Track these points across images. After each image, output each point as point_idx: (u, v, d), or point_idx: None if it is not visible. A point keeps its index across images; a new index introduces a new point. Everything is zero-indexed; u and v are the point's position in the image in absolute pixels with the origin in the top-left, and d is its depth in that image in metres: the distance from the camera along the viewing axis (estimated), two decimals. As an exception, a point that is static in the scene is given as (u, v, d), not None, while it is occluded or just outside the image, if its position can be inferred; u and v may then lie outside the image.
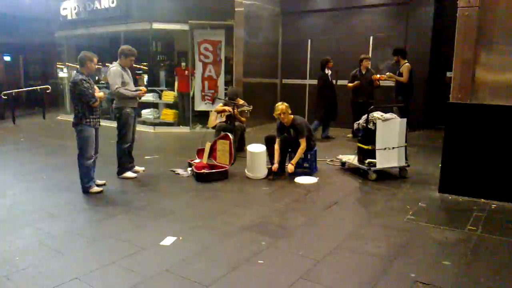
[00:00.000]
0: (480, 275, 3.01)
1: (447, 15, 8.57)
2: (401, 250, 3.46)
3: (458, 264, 3.19)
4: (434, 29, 9.24)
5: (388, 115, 5.57)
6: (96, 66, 5.12)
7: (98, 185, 5.11)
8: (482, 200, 4.66)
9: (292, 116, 5.74)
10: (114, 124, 5.66)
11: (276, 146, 5.73)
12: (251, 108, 7.02)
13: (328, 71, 8.60)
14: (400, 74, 7.93)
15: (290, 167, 5.61)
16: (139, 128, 9.61)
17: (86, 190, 4.95)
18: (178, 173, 5.85)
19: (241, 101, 7.27)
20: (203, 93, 9.99)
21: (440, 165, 4.96)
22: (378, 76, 8.22)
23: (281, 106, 5.68)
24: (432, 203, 4.68)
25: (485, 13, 4.63)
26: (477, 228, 3.89)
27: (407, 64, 7.90)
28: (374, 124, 5.47)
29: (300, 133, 5.63)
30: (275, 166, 5.58)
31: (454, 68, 4.88)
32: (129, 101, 5.55)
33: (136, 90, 5.59)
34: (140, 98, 5.76)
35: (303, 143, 5.63)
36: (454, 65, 4.86)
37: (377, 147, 5.45)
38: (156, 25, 9.91)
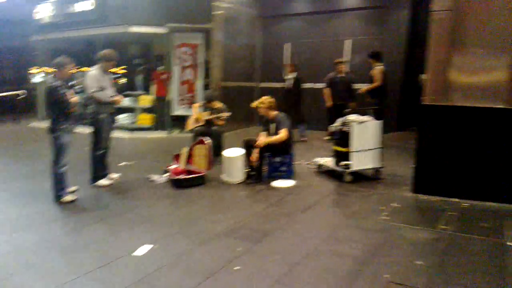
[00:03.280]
0: (453, 273, 3.08)
1: (422, 19, 8.75)
2: (375, 250, 3.50)
3: (431, 263, 3.25)
4: (409, 33, 9.42)
5: (363, 118, 5.64)
6: (72, 71, 5.04)
7: (70, 192, 5.01)
8: (454, 199, 4.77)
9: (275, 112, 5.82)
10: (88, 130, 5.56)
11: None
12: (228, 114, 6.98)
13: (292, 75, 8.83)
14: (372, 77, 8.05)
15: (261, 139, 5.57)
16: (114, 133, 9.49)
17: (59, 199, 4.84)
18: (154, 180, 5.78)
19: (218, 105, 7.24)
20: (180, 97, 9.92)
21: (413, 166, 5.05)
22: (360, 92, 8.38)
23: (261, 98, 5.85)
24: (406, 203, 4.76)
25: (457, 17, 4.73)
26: (450, 227, 3.98)
27: (379, 67, 8.02)
28: (350, 126, 5.53)
29: (280, 125, 5.65)
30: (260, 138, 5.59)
31: (427, 70, 4.97)
32: (104, 106, 5.46)
33: (114, 96, 5.52)
34: (116, 105, 5.68)
35: (282, 132, 5.61)
36: (428, 68, 4.96)
37: (352, 149, 5.51)
38: (134, 29, 9.79)
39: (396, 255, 3.43)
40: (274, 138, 5.62)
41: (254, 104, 5.77)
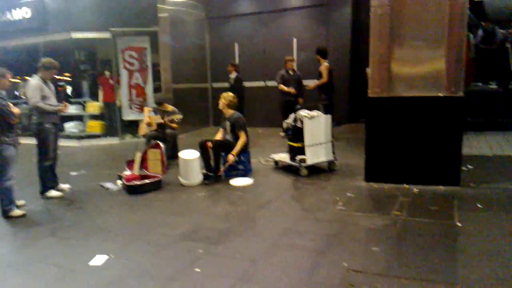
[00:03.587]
0: (408, 257, 3.21)
1: (364, 15, 9.08)
2: (333, 240, 3.60)
3: (386, 249, 3.38)
4: (352, 28, 9.74)
5: (314, 113, 5.78)
6: (13, 81, 4.79)
7: (18, 207, 4.76)
8: (405, 185, 4.98)
9: (232, 111, 5.89)
10: (34, 141, 5.31)
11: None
12: (181, 116, 6.90)
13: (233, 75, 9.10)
14: (320, 74, 8.26)
15: (230, 157, 5.63)
16: (63, 143, 9.05)
17: (6, 214, 4.60)
18: (108, 188, 5.61)
19: (170, 107, 7.13)
20: (130, 102, 9.68)
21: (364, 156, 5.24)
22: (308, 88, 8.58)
23: (224, 93, 5.98)
24: (360, 192, 4.93)
25: (395, 11, 4.92)
26: (402, 212, 4.15)
27: (325, 64, 8.24)
28: (302, 122, 5.64)
29: (235, 127, 5.74)
30: (230, 157, 5.62)
31: (371, 64, 5.16)
32: (49, 116, 5.23)
33: (58, 105, 5.30)
34: (61, 113, 5.45)
35: (241, 136, 5.69)
36: (371, 61, 5.14)
37: (306, 144, 5.63)
38: (76, 35, 9.44)
39: (353, 243, 3.54)
40: (239, 147, 5.68)
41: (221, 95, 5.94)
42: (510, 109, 8.34)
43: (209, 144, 5.70)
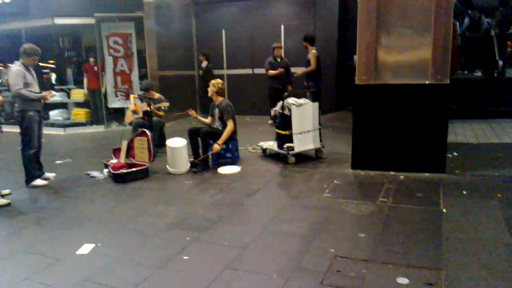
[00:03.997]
0: (394, 243, 3.24)
1: (351, 2, 9.06)
2: (320, 227, 3.62)
3: (373, 235, 3.42)
4: (340, 15, 9.71)
5: (301, 101, 5.77)
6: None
7: (2, 196, 4.68)
8: (392, 172, 5.03)
9: (222, 98, 5.89)
10: (18, 129, 5.21)
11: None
12: (168, 104, 6.82)
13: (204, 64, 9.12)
14: (308, 61, 8.24)
15: (215, 146, 5.60)
16: (48, 131, 8.98)
17: (-10, 204, 4.52)
18: (94, 176, 5.55)
19: (156, 95, 7.04)
20: (116, 89, 9.54)
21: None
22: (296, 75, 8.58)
23: (214, 80, 5.94)
24: (346, 179, 4.97)
25: (382, -1, 4.93)
26: (388, 199, 4.20)
27: (313, 51, 8.21)
28: (290, 110, 5.63)
29: (224, 115, 5.70)
30: (215, 146, 5.61)
31: (358, 51, 5.15)
32: (32, 103, 5.13)
33: (41, 92, 5.19)
34: (45, 101, 5.35)
35: (229, 124, 5.67)
36: (358, 49, 5.14)
37: (294, 132, 5.63)
38: (59, 20, 9.24)
39: (340, 230, 3.57)
40: (225, 135, 5.64)
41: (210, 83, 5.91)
42: (495, 97, 8.46)
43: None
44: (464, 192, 4.28)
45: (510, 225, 3.45)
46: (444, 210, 3.82)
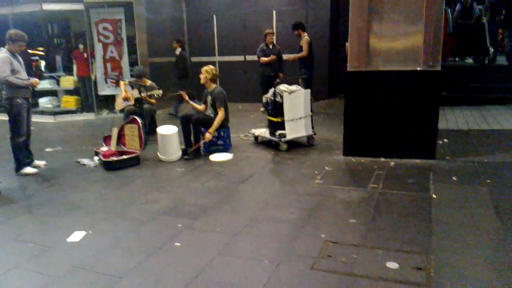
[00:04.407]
0: (383, 228, 3.28)
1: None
2: (311, 213, 3.65)
3: (363, 220, 3.45)
4: (332, 2, 9.64)
5: (293, 87, 5.75)
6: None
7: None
8: (382, 159, 5.07)
9: (215, 85, 5.81)
10: (7, 117, 5.14)
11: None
12: (161, 92, 6.75)
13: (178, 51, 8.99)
14: (301, 47, 8.19)
15: (207, 135, 5.58)
16: (38, 118, 8.89)
17: (-21, 192, 4.49)
18: (84, 164, 5.51)
19: (148, 82, 6.97)
20: (106, 76, 9.42)
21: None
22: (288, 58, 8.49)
23: (206, 67, 5.80)
24: (338, 166, 4.99)
25: (374, -15, 4.90)
26: (378, 185, 4.23)
27: (306, 37, 8.17)
28: (281, 97, 5.61)
29: (216, 102, 5.66)
30: (207, 135, 5.57)
31: (350, 38, 5.13)
32: (20, 90, 5.05)
33: (28, 79, 5.10)
34: (33, 88, 5.27)
35: (220, 112, 5.64)
36: (350, 35, 5.12)
37: (285, 119, 5.62)
38: (47, 6, 9.03)
39: (331, 216, 3.60)
40: (216, 124, 5.61)
41: (202, 69, 5.81)
42: (486, 84, 8.51)
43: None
44: (454, 178, 4.32)
45: (499, 210, 3.50)
46: (434, 196, 3.86)
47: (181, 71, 8.92)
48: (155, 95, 6.71)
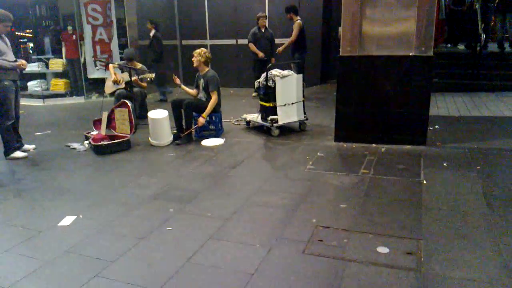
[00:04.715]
0: (375, 213, 3.31)
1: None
2: (303, 198, 3.66)
3: (354, 205, 3.47)
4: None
5: (285, 72, 5.71)
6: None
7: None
8: (374, 145, 5.08)
9: (208, 68, 5.75)
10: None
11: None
12: (153, 75, 6.64)
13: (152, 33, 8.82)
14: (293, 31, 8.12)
15: (200, 120, 5.55)
16: (26, 102, 8.75)
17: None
18: (74, 148, 5.45)
19: (138, 65, 6.86)
20: (95, 59, 9.27)
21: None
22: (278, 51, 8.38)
23: (198, 50, 5.72)
24: (329, 152, 5.00)
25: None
26: (369, 171, 4.25)
27: (298, 21, 8.07)
28: (274, 81, 5.57)
29: (209, 85, 5.61)
30: (200, 119, 5.55)
31: (342, 22, 5.09)
32: (7, 72, 4.94)
33: (15, 61, 4.99)
34: (21, 70, 5.17)
35: (213, 95, 5.60)
36: (343, 20, 5.07)
37: (278, 104, 5.59)
38: (35, -14, 8.82)
39: (322, 201, 3.62)
40: (209, 108, 5.57)
41: (194, 52, 5.72)
42: (477, 71, 8.54)
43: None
44: (445, 164, 4.36)
45: (488, 196, 3.54)
46: (425, 182, 3.90)
47: (156, 53, 8.75)
48: (147, 79, 6.61)
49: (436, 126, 5.75)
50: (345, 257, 2.67)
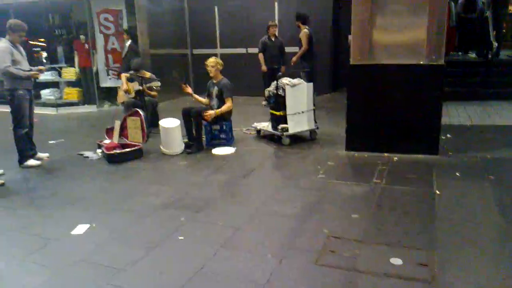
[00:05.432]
0: (387, 224, 3.28)
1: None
2: (314, 208, 3.65)
3: (365, 216, 3.45)
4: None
5: (295, 81, 5.73)
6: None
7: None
8: (385, 154, 5.04)
9: (221, 76, 5.79)
10: (9, 109, 5.14)
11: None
12: (159, 84, 6.71)
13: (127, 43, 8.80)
14: (300, 41, 8.14)
15: (211, 112, 5.55)
16: (40, 110, 8.85)
17: (-17, 184, 4.49)
18: (87, 156, 5.51)
19: (147, 74, 6.94)
20: (107, 68, 9.39)
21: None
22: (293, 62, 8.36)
23: (212, 59, 5.76)
24: (340, 161, 4.98)
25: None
26: (381, 180, 4.22)
27: (305, 30, 8.10)
28: (284, 90, 5.59)
29: (224, 92, 5.65)
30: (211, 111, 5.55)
31: (352, 30, 5.10)
32: (21, 81, 5.03)
33: (30, 70, 5.08)
34: (35, 79, 5.26)
35: (228, 101, 5.65)
36: (353, 28, 5.08)
37: (288, 113, 5.60)
38: (48, -4, 9.00)
39: (333, 211, 3.61)
40: (223, 109, 5.60)
41: (206, 63, 5.74)
42: (488, 79, 8.46)
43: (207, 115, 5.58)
44: (457, 174, 4.32)
45: (502, 206, 3.50)
46: (437, 192, 3.86)
47: (135, 65, 8.65)
48: (154, 87, 6.67)
49: (448, 135, 5.70)
50: (358, 269, 2.66)
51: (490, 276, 2.52)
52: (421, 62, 4.81)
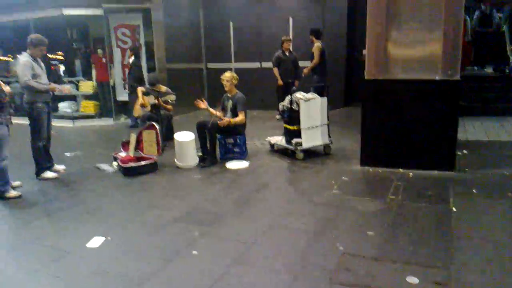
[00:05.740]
0: (403, 241, 3.23)
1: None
2: (328, 224, 3.62)
3: (381, 233, 3.41)
4: (349, 8, 9.61)
5: (309, 95, 5.74)
6: (3, 59, 4.68)
7: (14, 188, 4.73)
8: (400, 170, 4.98)
9: (236, 90, 5.87)
10: (27, 121, 5.25)
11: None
12: (175, 97, 6.79)
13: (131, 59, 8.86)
14: (312, 54, 8.18)
15: (225, 119, 5.63)
16: (57, 123, 9.02)
17: (2, 195, 4.55)
18: (103, 169, 5.58)
19: (163, 88, 7.03)
20: (124, 82, 9.54)
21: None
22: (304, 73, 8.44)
23: (228, 73, 5.84)
24: (355, 176, 4.95)
25: (392, -8, 4.86)
26: (397, 196, 4.17)
27: (317, 44, 8.15)
28: (298, 104, 5.60)
29: (238, 105, 5.72)
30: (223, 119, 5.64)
31: (367, 45, 5.10)
32: (40, 95, 5.14)
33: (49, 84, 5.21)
34: (54, 93, 5.37)
35: (241, 115, 5.71)
36: (368, 43, 5.09)
37: (302, 127, 5.61)
38: (67, 11, 9.21)
39: (348, 227, 3.57)
40: (236, 120, 5.66)
41: (222, 78, 5.84)
42: (506, 94, 8.36)
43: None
44: (474, 191, 4.25)
45: (521, 225, 3.43)
46: (454, 209, 3.80)
47: (136, 80, 8.66)
48: (169, 100, 6.75)
49: (465, 151, 5.62)
50: (374, 287, 2.62)
51: (510, 298, 2.46)
52: (437, 78, 4.78)
